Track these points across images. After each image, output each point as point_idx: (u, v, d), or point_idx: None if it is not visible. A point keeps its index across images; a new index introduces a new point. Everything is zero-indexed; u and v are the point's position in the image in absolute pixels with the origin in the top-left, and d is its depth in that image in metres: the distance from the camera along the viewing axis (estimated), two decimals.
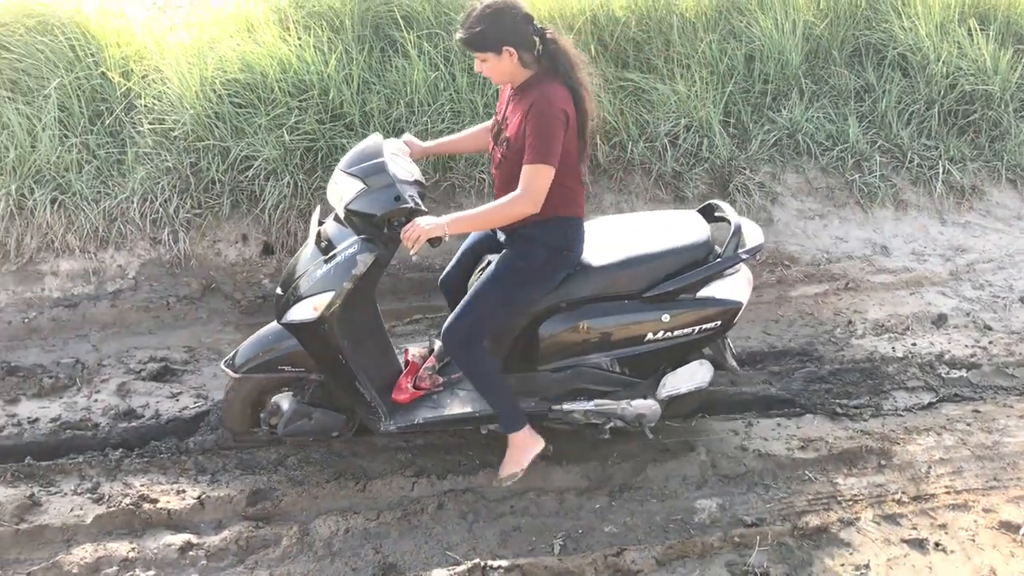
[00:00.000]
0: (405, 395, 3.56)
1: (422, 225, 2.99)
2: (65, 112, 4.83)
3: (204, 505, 3.37)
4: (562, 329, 3.39)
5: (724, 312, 3.46)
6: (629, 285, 3.42)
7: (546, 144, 3.00)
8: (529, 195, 3.03)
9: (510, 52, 3.02)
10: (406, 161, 3.38)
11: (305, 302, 3.28)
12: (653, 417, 3.59)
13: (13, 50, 4.88)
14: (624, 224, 3.74)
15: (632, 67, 5.52)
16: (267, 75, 4.98)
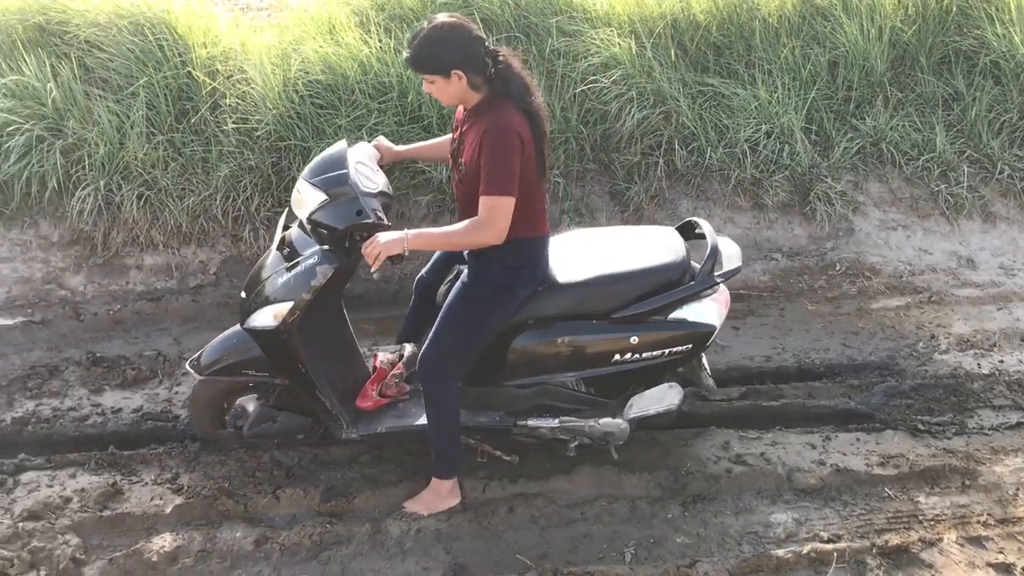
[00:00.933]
0: (369, 402, 3.52)
1: (382, 241, 2.94)
2: (153, 110, 4.95)
3: (279, 499, 3.42)
4: (528, 345, 3.30)
5: (696, 335, 3.35)
6: (598, 305, 3.31)
7: (503, 174, 2.91)
8: (490, 227, 2.95)
9: (459, 75, 2.92)
10: (372, 170, 3.30)
11: (266, 309, 3.25)
12: (621, 436, 3.47)
13: (105, 49, 5.03)
14: (599, 240, 3.64)
15: (712, 72, 5.46)
16: (348, 77, 5.04)
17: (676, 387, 3.51)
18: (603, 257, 3.42)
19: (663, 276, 3.34)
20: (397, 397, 3.57)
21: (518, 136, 2.93)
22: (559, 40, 5.33)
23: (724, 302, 3.44)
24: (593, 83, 5.15)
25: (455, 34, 2.91)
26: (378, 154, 3.46)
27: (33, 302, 4.65)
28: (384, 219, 3.11)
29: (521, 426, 3.45)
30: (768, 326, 4.64)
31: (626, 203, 5.09)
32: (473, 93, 3.00)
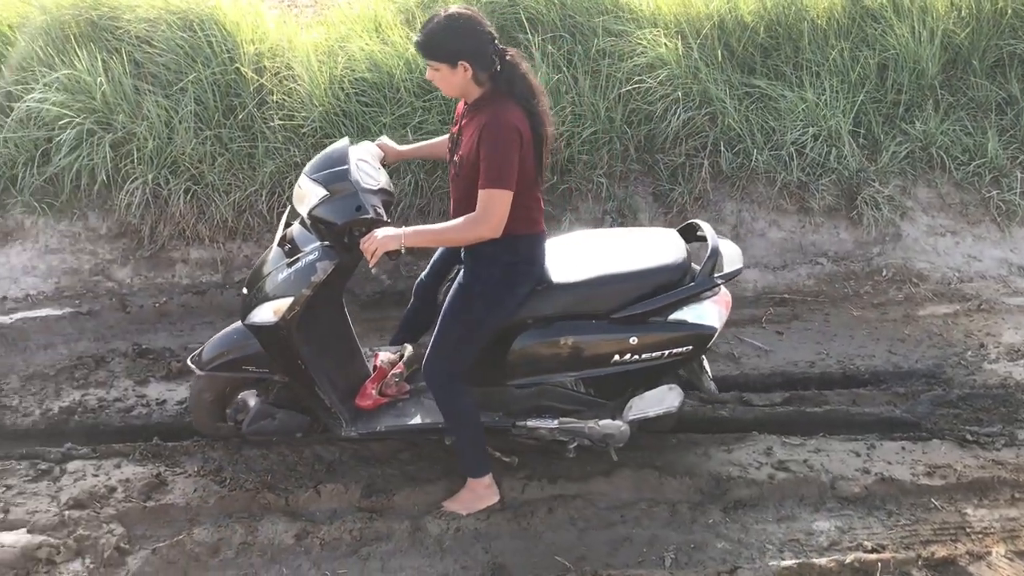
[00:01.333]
0: (369, 401, 3.52)
1: (379, 237, 2.96)
2: (201, 106, 5.00)
3: (320, 494, 3.44)
4: (527, 345, 3.28)
5: (696, 337, 3.32)
6: (598, 305, 3.30)
7: (501, 168, 2.92)
8: (487, 220, 2.95)
9: (464, 67, 2.93)
10: (374, 168, 3.33)
11: (266, 305, 3.26)
12: (621, 438, 3.45)
13: (155, 45, 5.08)
14: (599, 240, 3.64)
15: (759, 73, 5.40)
16: (394, 75, 5.05)
17: (676, 389, 3.47)
18: (603, 257, 3.42)
19: (663, 277, 3.33)
20: (397, 396, 3.57)
21: (517, 131, 2.94)
22: (605, 40, 5.30)
23: (725, 304, 3.42)
24: (638, 83, 5.12)
25: (468, 26, 2.93)
26: (381, 153, 3.50)
27: (81, 293, 4.72)
28: (383, 216, 3.13)
29: (520, 427, 3.44)
30: (812, 331, 4.59)
31: (669, 204, 5.05)
32: (475, 87, 3.01)
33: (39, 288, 4.72)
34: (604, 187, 5.00)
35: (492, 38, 2.96)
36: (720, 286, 3.39)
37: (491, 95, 3.01)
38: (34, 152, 4.89)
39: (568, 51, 5.30)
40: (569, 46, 5.32)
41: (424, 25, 2.97)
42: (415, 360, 3.62)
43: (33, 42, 5.12)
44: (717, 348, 4.43)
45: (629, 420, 3.42)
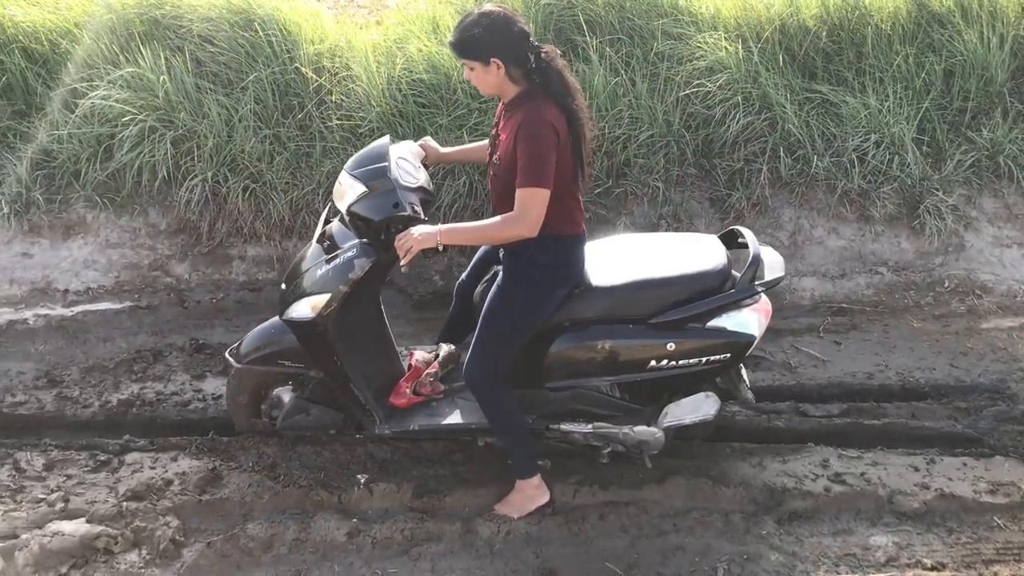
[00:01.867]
0: (403, 400, 3.51)
1: (415, 235, 2.95)
2: (260, 105, 5.04)
3: (372, 493, 3.45)
4: (563, 349, 3.26)
5: (734, 344, 3.26)
6: (635, 309, 3.27)
7: (539, 167, 2.90)
8: (524, 219, 2.94)
9: (497, 64, 2.93)
10: (414, 167, 3.32)
11: (304, 301, 3.27)
12: (656, 445, 3.40)
13: (217, 44, 5.15)
14: (639, 245, 3.60)
15: (820, 78, 5.31)
16: (451, 76, 5.06)
17: (713, 397, 3.43)
18: (642, 262, 3.39)
19: (702, 283, 3.28)
20: (431, 396, 3.56)
21: (554, 129, 2.92)
22: (664, 43, 5.25)
23: (765, 312, 3.36)
24: (697, 87, 5.07)
25: (499, 24, 2.92)
26: (423, 153, 3.50)
27: (140, 288, 4.80)
28: (420, 214, 3.12)
29: (554, 430, 3.42)
30: (871, 342, 4.50)
31: (726, 210, 4.99)
32: (511, 85, 3.01)
33: (99, 282, 4.80)
34: (660, 191, 4.95)
35: (526, 35, 2.96)
36: (761, 294, 3.34)
37: (527, 93, 3.00)
38: (97, 148, 4.96)
39: (626, 54, 5.26)
40: (627, 49, 5.28)
41: (457, 24, 2.99)
42: (450, 360, 3.62)
43: (99, 40, 5.21)
44: (773, 356, 4.38)
45: (664, 427, 3.38)
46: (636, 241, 3.67)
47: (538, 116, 2.92)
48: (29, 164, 4.97)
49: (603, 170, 5.00)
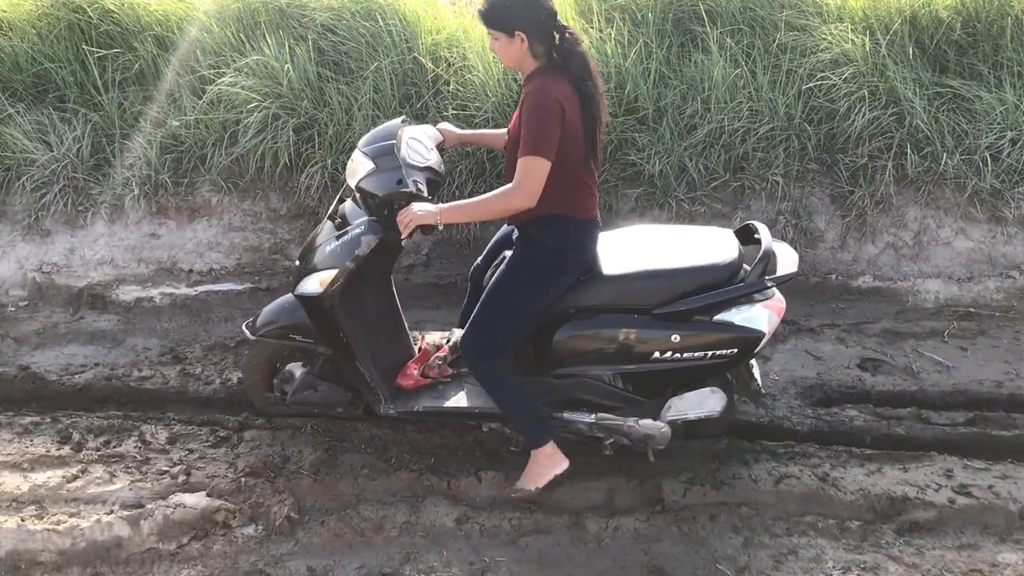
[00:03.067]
0: (410, 381, 3.55)
1: (415, 211, 2.99)
2: (379, 94, 5.12)
3: (481, 481, 3.47)
4: (567, 336, 3.25)
5: (741, 340, 3.18)
6: (641, 299, 3.23)
7: (539, 136, 2.90)
8: (522, 188, 2.94)
9: (522, 38, 2.96)
10: (426, 147, 3.35)
11: (313, 276, 3.33)
12: (661, 440, 3.36)
13: (339, 33, 5.25)
14: (651, 235, 3.55)
15: (952, 72, 5.08)
16: None
17: (719, 392, 3.38)
18: (652, 252, 3.35)
19: (710, 276, 3.22)
20: (438, 379, 3.59)
21: (560, 104, 2.92)
22: (787, 34, 5.12)
23: (777, 310, 3.27)
24: (821, 80, 4.92)
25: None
26: (440, 137, 3.55)
27: (260, 270, 4.94)
28: (424, 192, 3.14)
29: (557, 418, 3.41)
30: (1001, 349, 4.29)
31: (848, 207, 4.84)
32: (531, 60, 3.03)
33: (222, 263, 4.97)
34: (779, 186, 4.83)
35: (552, 13, 2.98)
36: (773, 290, 3.28)
37: (543, 69, 3.02)
38: (223, 133, 5.12)
39: (747, 45, 5.14)
40: (748, 40, 5.17)
41: None
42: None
43: (226, 28, 5.37)
44: (894, 360, 4.23)
45: (668, 421, 3.36)
46: (650, 232, 3.63)
47: (546, 89, 2.94)
48: (158, 148, 5.16)
49: (720, 164, 4.90)
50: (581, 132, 3.03)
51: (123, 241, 5.08)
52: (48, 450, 3.67)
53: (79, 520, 3.25)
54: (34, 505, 3.37)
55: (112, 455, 3.64)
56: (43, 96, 5.49)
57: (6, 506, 3.36)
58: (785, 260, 3.33)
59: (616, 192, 4.96)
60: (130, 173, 5.13)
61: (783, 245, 3.44)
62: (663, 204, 4.88)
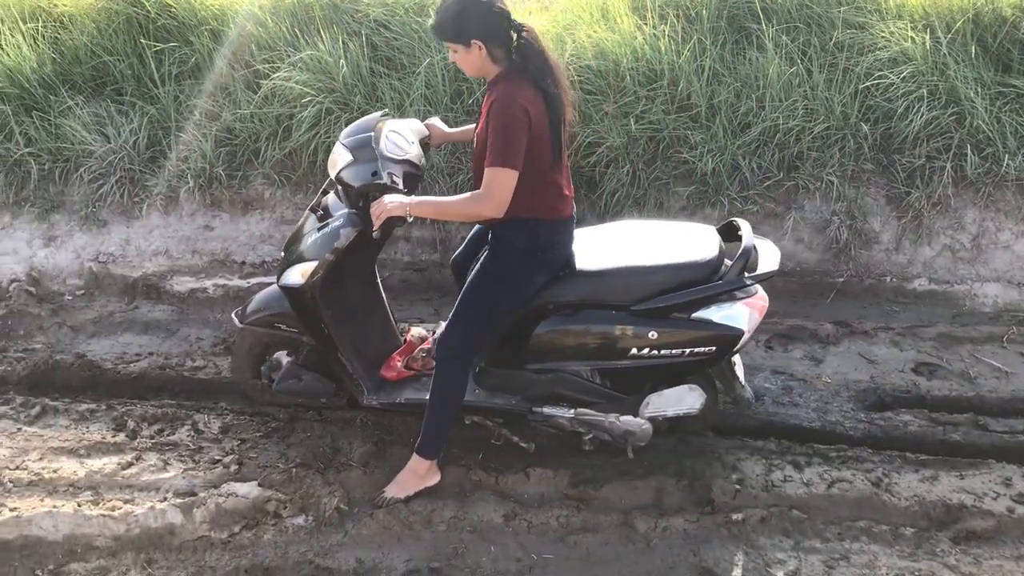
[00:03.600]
0: (393, 373, 3.60)
1: (386, 203, 3.00)
2: (430, 89, 5.13)
3: (529, 477, 3.46)
4: (545, 331, 3.26)
5: (720, 338, 3.18)
6: (619, 295, 3.23)
7: (506, 146, 2.87)
8: (490, 198, 2.92)
9: (479, 46, 2.92)
10: (407, 141, 3.35)
11: (295, 267, 3.36)
12: (643, 437, 3.37)
13: (392, 29, 5.27)
14: (634, 231, 3.55)
15: (1016, 71, 4.96)
16: (620, 63, 5.01)
17: (697, 390, 3.39)
18: (631, 248, 3.35)
19: (688, 272, 3.21)
20: (422, 371, 3.61)
21: (526, 112, 2.89)
22: (844, 32, 5.04)
23: (758, 308, 3.25)
24: (879, 79, 4.84)
25: (477, 5, 2.90)
26: (426, 132, 3.56)
27: None
28: (399, 184, 3.15)
29: (537, 413, 3.43)
30: None
31: (904, 208, 4.75)
32: (492, 65, 2.99)
33: (274, 256, 5.01)
34: (834, 186, 4.76)
35: (506, 15, 2.93)
36: (755, 288, 3.27)
37: (506, 74, 2.99)
38: (276, 128, 5.17)
39: (803, 43, 5.07)
40: (804, 38, 5.09)
41: (438, 8, 2.99)
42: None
43: (280, 23, 5.42)
44: (950, 365, 4.15)
45: (647, 417, 3.37)
46: (631, 228, 3.62)
47: (511, 96, 2.90)
48: (213, 141, 5.22)
49: (774, 163, 4.85)
50: (548, 134, 3.00)
51: (177, 232, 5.15)
52: (103, 437, 3.73)
53: (133, 507, 3.30)
54: (90, 491, 3.43)
55: (166, 443, 3.69)
56: (101, 89, 5.58)
57: (63, 491, 3.42)
58: (767, 257, 3.31)
59: (667, 190, 4.93)
60: (185, 166, 5.20)
61: (766, 242, 3.43)
62: (715, 202, 4.84)
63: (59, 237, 5.20)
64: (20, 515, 3.26)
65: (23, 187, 5.33)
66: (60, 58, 5.60)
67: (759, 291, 3.30)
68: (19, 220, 5.29)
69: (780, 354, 4.30)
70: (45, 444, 3.69)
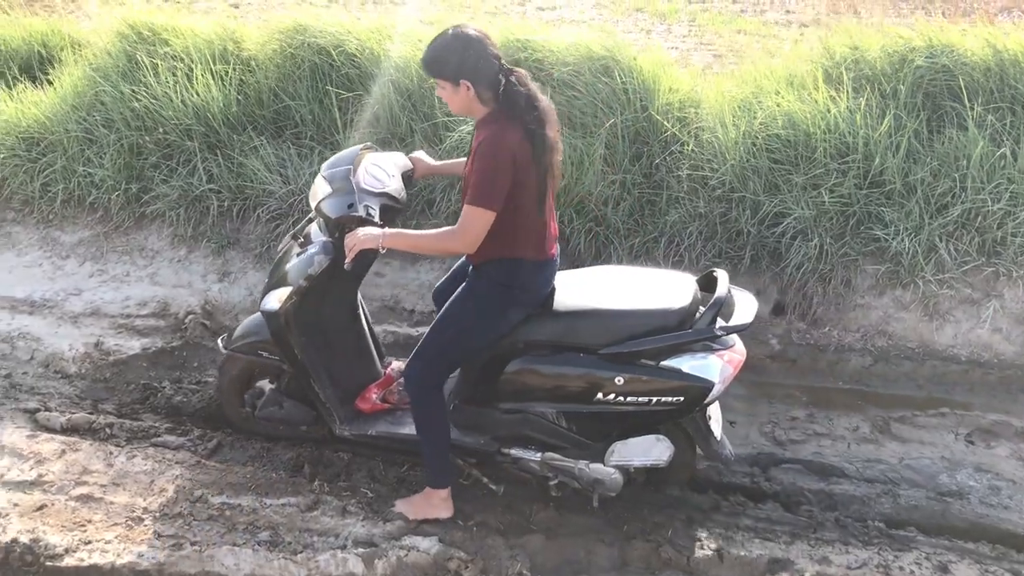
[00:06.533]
0: (368, 405, 3.62)
1: (360, 235, 3.03)
2: (609, 150, 5.06)
3: (723, 560, 3.26)
4: (514, 370, 3.23)
5: (688, 388, 3.11)
6: (588, 338, 3.18)
7: (486, 187, 2.89)
8: (462, 236, 2.96)
9: (467, 86, 2.93)
10: (387, 175, 3.39)
11: (273, 293, 3.40)
12: (612, 487, 3.32)
13: (576, 89, 5.24)
14: (612, 276, 3.51)
15: None
16: (811, 134, 4.85)
17: (665, 441, 3.29)
18: (606, 292, 3.32)
19: (658, 319, 3.16)
20: (397, 405, 3.64)
21: (511, 154, 2.89)
22: None
23: (733, 362, 3.17)
24: None
25: (469, 46, 2.93)
26: (410, 165, 3.60)
27: None
28: (374, 216, 3.19)
29: (505, 454, 3.41)
30: None
31: None
32: (480, 106, 3.00)
33: None
34: None
35: (496, 57, 2.95)
36: (731, 339, 3.21)
37: (494, 115, 2.99)
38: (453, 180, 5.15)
39: (1010, 124, 4.82)
40: (1010, 119, 4.84)
41: (430, 43, 3.00)
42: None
43: None
44: None
45: (611, 466, 3.30)
46: (611, 272, 3.59)
47: (497, 139, 2.90)
48: None
49: (973, 247, 4.59)
50: (534, 180, 2.99)
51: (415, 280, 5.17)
52: (280, 477, 3.69)
53: (314, 552, 3.23)
54: (269, 530, 3.37)
55: (344, 488, 3.62)
56: (282, 131, 5.71)
57: (243, 528, 3.38)
58: (743, 310, 3.24)
59: (855, 267, 4.71)
60: None
61: (745, 294, 3.36)
62: (907, 284, 4.59)
63: (233, 273, 5.28)
64: (202, 550, 3.23)
65: (201, 222, 5.46)
66: (244, 99, 5.76)
67: (737, 344, 3.24)
68: (195, 254, 5.41)
69: (983, 450, 4.00)
70: (224, 479, 3.66)
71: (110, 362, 4.60)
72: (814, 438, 4.10)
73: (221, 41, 6.06)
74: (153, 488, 3.59)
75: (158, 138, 5.60)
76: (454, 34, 3.00)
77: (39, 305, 5.13)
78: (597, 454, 3.34)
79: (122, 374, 4.54)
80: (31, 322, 4.99)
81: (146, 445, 3.91)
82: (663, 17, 9.41)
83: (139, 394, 4.38)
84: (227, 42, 6.06)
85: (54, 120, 5.87)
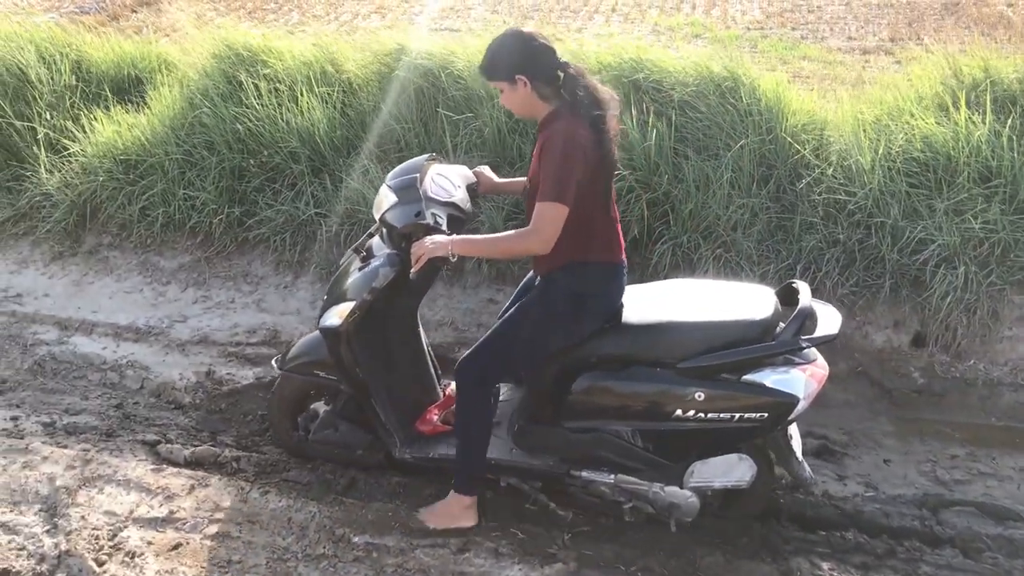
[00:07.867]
0: (428, 427, 3.51)
1: (427, 243, 2.93)
2: (734, 173, 4.86)
3: None
4: (585, 386, 3.10)
5: (773, 404, 2.95)
6: (665, 351, 3.04)
7: (559, 182, 2.78)
8: (538, 233, 2.84)
9: (523, 81, 2.87)
10: (453, 185, 3.29)
11: (334, 309, 3.26)
12: (689, 511, 3.18)
13: (698, 110, 5.05)
14: (689, 289, 3.37)
15: None
16: (953, 158, 4.62)
17: (748, 460, 3.14)
18: (682, 305, 3.18)
19: (739, 331, 3.01)
20: None
21: (581, 148, 2.81)
22: None
23: (817, 376, 3.02)
24: None
25: (520, 41, 2.90)
26: (473, 179, 3.48)
27: None
28: (442, 225, 3.09)
29: (575, 476, 3.27)
30: None
31: None
32: (541, 103, 2.94)
33: None
34: None
35: (550, 50, 2.90)
36: (814, 353, 3.07)
37: (558, 112, 2.92)
38: None
39: None
40: None
41: (485, 51, 2.95)
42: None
43: None
44: None
45: (691, 487, 3.17)
46: (685, 285, 3.46)
47: (565, 133, 2.82)
48: (502, 215, 5.07)
49: None
50: (601, 176, 2.93)
51: (462, 304, 4.99)
52: None
53: None
54: (420, 574, 3.17)
55: (492, 528, 3.41)
56: (387, 154, 5.56)
57: (391, 571, 3.18)
58: (826, 322, 3.09)
59: (1002, 297, 4.46)
60: None
61: (827, 306, 3.21)
62: None
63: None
64: None
65: (307, 248, 5.32)
66: (347, 121, 5.63)
67: (819, 358, 3.10)
68: (302, 280, 5.27)
69: None
70: (364, 516, 3.46)
71: (224, 392, 4.46)
72: (979, 478, 3.86)
73: (319, 63, 5.96)
74: (292, 526, 3.39)
75: (262, 161, 5.47)
76: (504, 35, 2.97)
77: (144, 332, 5.01)
78: (674, 475, 3.20)
79: (238, 404, 4.39)
80: (137, 349, 4.86)
81: (277, 479, 3.74)
82: (723, 44, 9.22)
83: (257, 425, 4.22)
84: (325, 64, 5.95)
85: (153, 142, 5.76)
